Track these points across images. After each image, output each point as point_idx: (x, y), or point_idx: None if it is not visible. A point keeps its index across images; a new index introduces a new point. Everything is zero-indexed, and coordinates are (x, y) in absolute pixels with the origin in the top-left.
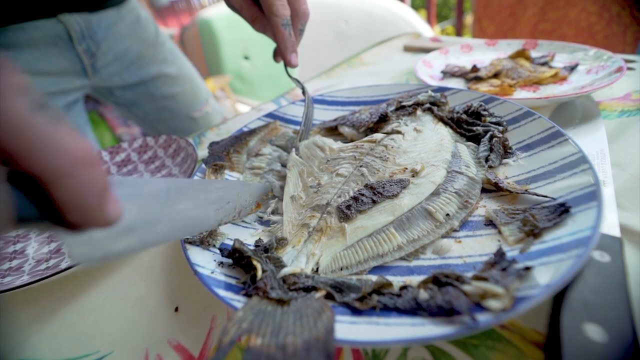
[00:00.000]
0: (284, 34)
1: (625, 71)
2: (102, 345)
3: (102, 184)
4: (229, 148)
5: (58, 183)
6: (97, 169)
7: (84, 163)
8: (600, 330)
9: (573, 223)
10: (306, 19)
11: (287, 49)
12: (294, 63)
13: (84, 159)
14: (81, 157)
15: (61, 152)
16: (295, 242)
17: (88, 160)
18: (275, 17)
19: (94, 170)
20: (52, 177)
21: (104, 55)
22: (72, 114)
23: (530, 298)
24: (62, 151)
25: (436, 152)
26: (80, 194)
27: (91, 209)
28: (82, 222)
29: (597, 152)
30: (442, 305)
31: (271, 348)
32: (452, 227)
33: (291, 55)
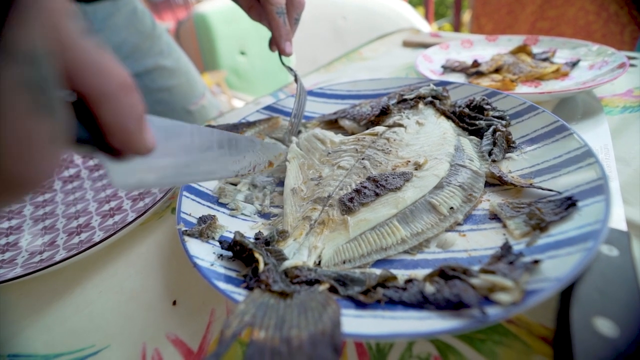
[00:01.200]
0: (278, 22)
1: (627, 67)
2: (97, 339)
3: (140, 110)
4: None
5: (104, 104)
6: (135, 95)
7: (125, 88)
8: (611, 325)
9: (580, 217)
10: (301, 9)
11: (281, 38)
12: (288, 52)
13: (125, 84)
14: (123, 82)
15: (107, 75)
16: (297, 235)
17: (129, 86)
18: (271, 5)
19: (133, 95)
20: (99, 98)
21: None
22: None
23: (541, 291)
24: (107, 74)
25: (439, 145)
26: (122, 116)
27: (131, 132)
28: (123, 146)
29: (601, 147)
30: (450, 299)
31: (275, 341)
32: (456, 221)
33: (285, 43)
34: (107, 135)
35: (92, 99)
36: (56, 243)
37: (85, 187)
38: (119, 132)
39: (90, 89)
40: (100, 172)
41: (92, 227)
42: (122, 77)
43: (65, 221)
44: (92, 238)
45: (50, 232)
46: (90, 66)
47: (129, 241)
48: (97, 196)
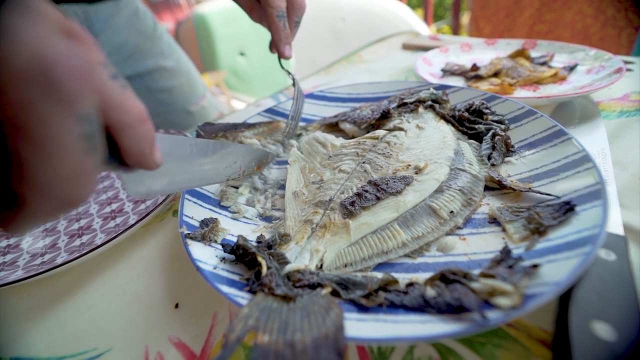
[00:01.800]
0: (278, 25)
1: (624, 72)
2: (100, 342)
3: (152, 136)
4: (220, 132)
5: (124, 133)
6: (149, 125)
7: (141, 119)
8: (609, 329)
9: (578, 221)
10: (302, 12)
11: (280, 41)
12: (288, 55)
13: (141, 116)
14: (140, 115)
15: (128, 110)
16: (299, 239)
17: (144, 118)
18: (271, 8)
19: (147, 125)
20: (121, 128)
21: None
22: None
23: (540, 295)
24: (128, 109)
25: (439, 149)
26: (138, 141)
27: (145, 155)
28: (138, 165)
29: (599, 151)
30: (451, 303)
31: (279, 345)
32: (456, 225)
33: (285, 47)
34: (125, 157)
35: (115, 129)
36: (57, 245)
37: None
38: (136, 155)
39: (114, 121)
40: (101, 174)
41: (94, 230)
42: (139, 110)
43: (66, 223)
44: (93, 240)
45: (52, 234)
46: (114, 104)
47: (130, 244)
48: (99, 198)
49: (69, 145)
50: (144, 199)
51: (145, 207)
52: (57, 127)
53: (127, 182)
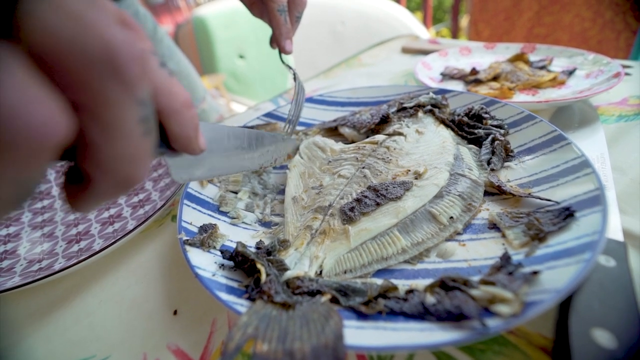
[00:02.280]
0: (279, 20)
1: (623, 76)
2: (98, 349)
3: (196, 121)
4: None
5: (172, 118)
6: (194, 111)
7: (187, 105)
8: (609, 336)
9: (577, 227)
10: (303, 7)
11: (281, 36)
12: (288, 50)
13: (187, 102)
14: (186, 101)
15: (176, 96)
16: (298, 245)
17: (190, 104)
18: (272, 2)
19: (192, 111)
20: (169, 113)
21: None
22: None
23: (540, 303)
24: (176, 95)
25: (438, 154)
26: (184, 126)
27: (191, 139)
28: (183, 149)
29: (597, 156)
30: (451, 310)
31: (278, 354)
32: (456, 230)
33: (285, 41)
34: (172, 141)
35: (164, 114)
36: (55, 251)
37: None
38: (182, 139)
39: (163, 106)
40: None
41: (92, 235)
42: (185, 96)
43: (64, 228)
44: (91, 246)
45: (49, 239)
46: (164, 91)
47: (129, 249)
48: None
49: (130, 128)
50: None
51: (144, 212)
52: (121, 110)
53: (172, 168)
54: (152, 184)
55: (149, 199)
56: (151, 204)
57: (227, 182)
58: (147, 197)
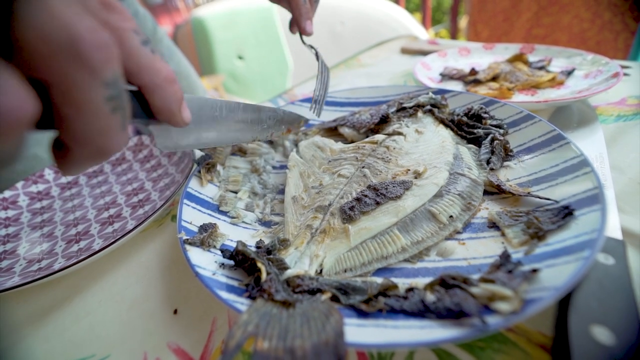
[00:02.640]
0: (298, 1)
1: (621, 77)
2: (98, 349)
3: (179, 96)
4: None
5: (155, 93)
6: (177, 86)
7: (170, 80)
8: (608, 333)
9: (576, 226)
10: None
11: (301, 16)
12: (309, 30)
13: (170, 77)
14: (168, 76)
15: (157, 72)
16: (298, 244)
17: (172, 79)
18: None
19: (175, 86)
20: (151, 88)
21: None
22: None
23: (540, 300)
24: (157, 71)
25: (438, 153)
26: (167, 100)
27: (174, 112)
28: (167, 121)
29: (596, 155)
30: (450, 308)
31: (279, 352)
32: (456, 229)
33: (306, 22)
34: (156, 114)
35: (146, 89)
36: (55, 251)
37: (84, 194)
38: (165, 112)
39: (145, 82)
40: (99, 179)
41: (91, 235)
42: (167, 72)
43: (63, 228)
44: (91, 246)
45: (49, 239)
46: (146, 66)
47: (128, 249)
48: (96, 203)
49: (97, 106)
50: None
51: (143, 212)
52: (87, 91)
53: (157, 137)
54: (152, 184)
55: (149, 198)
56: (151, 204)
57: (227, 181)
58: (146, 197)
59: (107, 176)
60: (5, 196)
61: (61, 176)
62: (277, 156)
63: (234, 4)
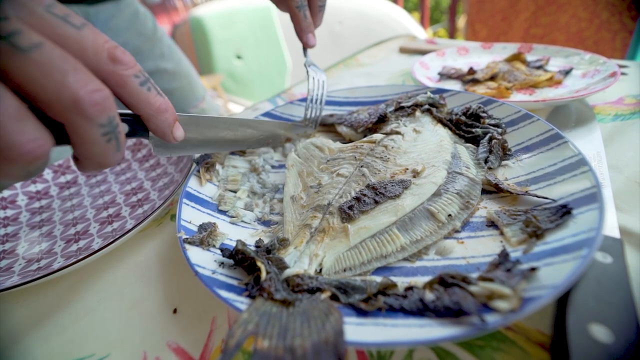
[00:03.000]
0: (299, 16)
1: (619, 76)
2: (97, 348)
3: (170, 122)
4: None
5: (149, 121)
6: (167, 115)
7: (161, 111)
8: (606, 331)
9: (574, 224)
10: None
11: (302, 31)
12: (311, 43)
13: (161, 108)
14: (159, 108)
15: (151, 106)
16: (297, 243)
17: (163, 109)
18: (290, 0)
19: (165, 114)
20: (146, 118)
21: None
22: None
23: (538, 299)
24: (151, 105)
25: (436, 152)
26: (159, 126)
27: (165, 134)
28: (162, 138)
29: (594, 154)
30: (449, 306)
31: (279, 350)
32: (455, 228)
33: (307, 36)
34: (152, 133)
35: (143, 118)
36: (54, 250)
37: (83, 194)
38: (158, 134)
39: (141, 113)
40: (98, 179)
41: (91, 234)
42: (159, 105)
43: (62, 228)
44: (90, 245)
45: (48, 239)
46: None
47: (127, 248)
48: (95, 202)
49: (95, 139)
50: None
51: (142, 211)
52: (87, 131)
53: (153, 146)
54: (151, 183)
55: (148, 198)
56: (150, 203)
57: (226, 181)
58: (145, 197)
59: (105, 175)
60: (4, 195)
61: (60, 175)
62: (276, 155)
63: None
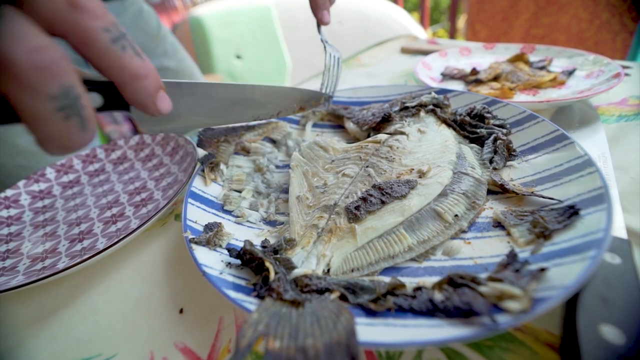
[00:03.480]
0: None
1: (623, 77)
2: (104, 348)
3: (151, 90)
4: (221, 136)
5: (124, 89)
6: (147, 81)
7: (137, 77)
8: (617, 332)
9: (582, 225)
10: None
11: (317, 7)
12: (326, 20)
13: (138, 74)
14: (135, 74)
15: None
16: (305, 243)
17: (141, 75)
18: None
19: (144, 82)
20: (120, 85)
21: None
22: None
23: (549, 299)
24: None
25: (441, 153)
26: (137, 96)
27: (146, 105)
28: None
29: (599, 155)
30: (460, 307)
31: (291, 351)
32: (461, 228)
33: (322, 12)
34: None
35: (117, 85)
36: (58, 250)
37: (86, 193)
38: (137, 105)
39: (113, 79)
40: (101, 178)
41: (95, 234)
42: (135, 69)
43: (66, 227)
44: (95, 245)
45: (52, 238)
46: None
47: (133, 248)
48: (98, 202)
49: (46, 116)
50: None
51: (146, 211)
52: (32, 106)
53: (139, 122)
54: (154, 182)
55: (152, 197)
56: (154, 203)
57: (231, 180)
58: (149, 196)
59: (108, 175)
60: (7, 195)
61: (63, 175)
62: (280, 155)
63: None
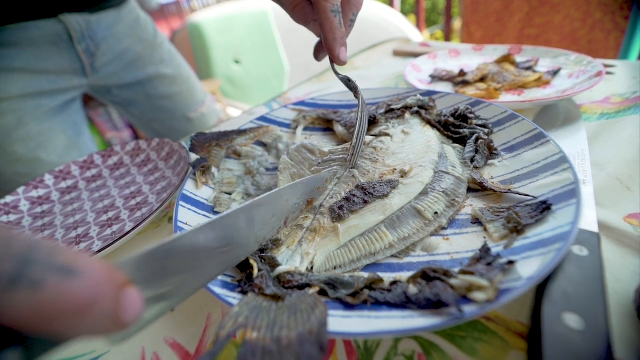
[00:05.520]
0: (333, 22)
1: (604, 75)
2: (98, 344)
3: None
4: (213, 141)
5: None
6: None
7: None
8: (578, 319)
9: (554, 219)
10: (359, 8)
11: (336, 41)
12: (343, 59)
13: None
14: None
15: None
16: (290, 243)
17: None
18: (325, 1)
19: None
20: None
21: (103, 55)
22: (70, 112)
23: (513, 290)
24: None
25: (423, 153)
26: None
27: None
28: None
29: (578, 153)
30: (430, 298)
31: (266, 341)
32: (441, 225)
33: (340, 49)
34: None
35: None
36: None
37: (83, 198)
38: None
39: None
40: (98, 183)
41: (91, 237)
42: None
43: (64, 232)
44: (91, 248)
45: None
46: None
47: (127, 250)
48: (95, 207)
49: None
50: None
51: (141, 214)
52: None
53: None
54: (149, 187)
55: (146, 201)
56: (148, 207)
57: (222, 183)
58: (144, 200)
59: (105, 180)
60: (6, 201)
61: (61, 181)
62: (270, 158)
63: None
